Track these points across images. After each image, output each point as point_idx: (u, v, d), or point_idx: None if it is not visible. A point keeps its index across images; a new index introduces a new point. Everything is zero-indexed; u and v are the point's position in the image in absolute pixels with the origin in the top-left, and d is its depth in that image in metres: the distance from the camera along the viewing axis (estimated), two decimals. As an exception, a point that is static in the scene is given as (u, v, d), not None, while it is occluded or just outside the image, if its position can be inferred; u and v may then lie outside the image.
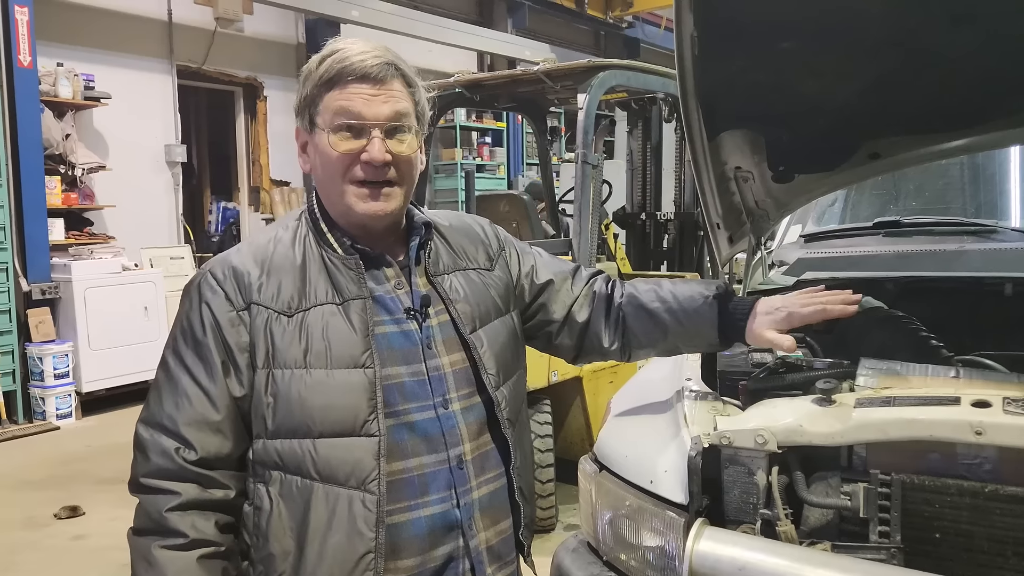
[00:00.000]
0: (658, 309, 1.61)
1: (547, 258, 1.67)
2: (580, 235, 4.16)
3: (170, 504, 1.24)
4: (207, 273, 1.35)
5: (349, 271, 1.35)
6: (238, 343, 1.29)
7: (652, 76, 4.67)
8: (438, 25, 10.10)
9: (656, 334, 1.62)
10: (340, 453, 1.27)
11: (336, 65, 1.31)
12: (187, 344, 1.31)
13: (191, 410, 1.28)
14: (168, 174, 8.18)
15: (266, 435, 1.29)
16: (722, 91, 1.90)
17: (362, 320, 1.31)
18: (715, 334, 1.59)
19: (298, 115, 1.39)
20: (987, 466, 1.38)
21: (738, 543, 1.40)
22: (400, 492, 1.30)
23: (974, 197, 2.85)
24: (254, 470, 1.31)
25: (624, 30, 13.86)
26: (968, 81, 1.81)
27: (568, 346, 1.66)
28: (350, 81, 1.31)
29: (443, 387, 1.36)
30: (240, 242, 1.47)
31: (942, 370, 1.63)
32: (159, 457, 1.27)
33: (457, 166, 10.84)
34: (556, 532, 4.02)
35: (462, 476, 1.35)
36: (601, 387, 4.28)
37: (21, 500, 4.71)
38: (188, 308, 1.34)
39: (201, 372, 1.29)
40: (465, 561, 1.35)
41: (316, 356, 1.28)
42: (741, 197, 2.19)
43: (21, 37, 6.14)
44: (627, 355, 1.67)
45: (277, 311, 1.30)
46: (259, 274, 1.33)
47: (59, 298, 6.42)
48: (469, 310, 1.43)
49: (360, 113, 1.31)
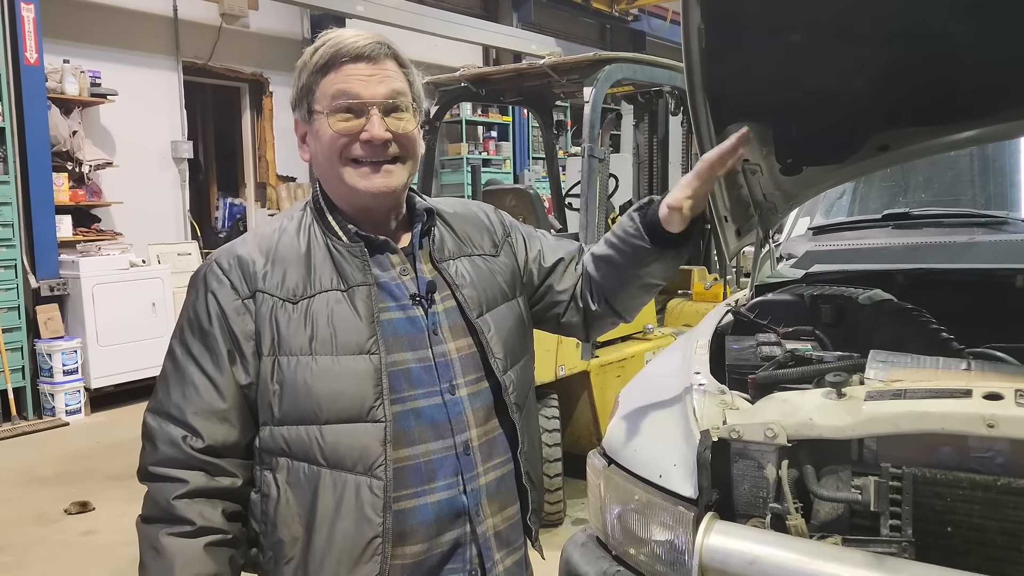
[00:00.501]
0: (604, 250, 1.59)
1: (552, 240, 1.67)
2: (587, 229, 4.15)
3: (177, 492, 1.25)
4: (212, 263, 1.35)
5: (354, 258, 1.35)
6: (244, 331, 1.30)
7: (658, 69, 4.64)
8: (443, 19, 10.07)
9: (615, 274, 1.57)
10: (347, 439, 1.27)
11: (330, 50, 1.32)
12: (194, 334, 1.32)
13: (198, 399, 1.29)
14: (175, 170, 8.20)
15: (273, 422, 1.29)
16: (729, 84, 1.89)
17: (367, 307, 1.31)
18: (644, 238, 1.49)
19: (295, 107, 1.39)
20: (999, 459, 1.37)
21: (748, 537, 1.40)
22: (407, 479, 1.30)
23: (984, 188, 2.83)
24: (261, 458, 1.32)
25: (630, 23, 13.82)
26: (978, 71, 1.80)
27: (576, 323, 1.64)
28: (345, 63, 1.31)
29: (450, 373, 1.37)
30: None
31: (953, 363, 1.63)
32: (167, 446, 1.28)
33: (463, 160, 10.83)
34: (564, 527, 4.02)
35: (469, 462, 1.35)
36: (609, 381, 4.27)
37: (31, 496, 4.73)
38: (194, 298, 1.34)
39: (208, 361, 1.30)
40: (472, 547, 1.36)
41: (322, 343, 1.28)
42: (749, 190, 2.18)
43: (28, 34, 6.16)
44: (612, 308, 1.61)
45: (282, 298, 1.31)
46: (264, 263, 1.33)
47: (67, 294, 6.44)
48: (476, 295, 1.43)
49: (358, 93, 1.31)
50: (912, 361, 1.65)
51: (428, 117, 5.01)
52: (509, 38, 11.12)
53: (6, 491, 4.83)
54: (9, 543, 4.09)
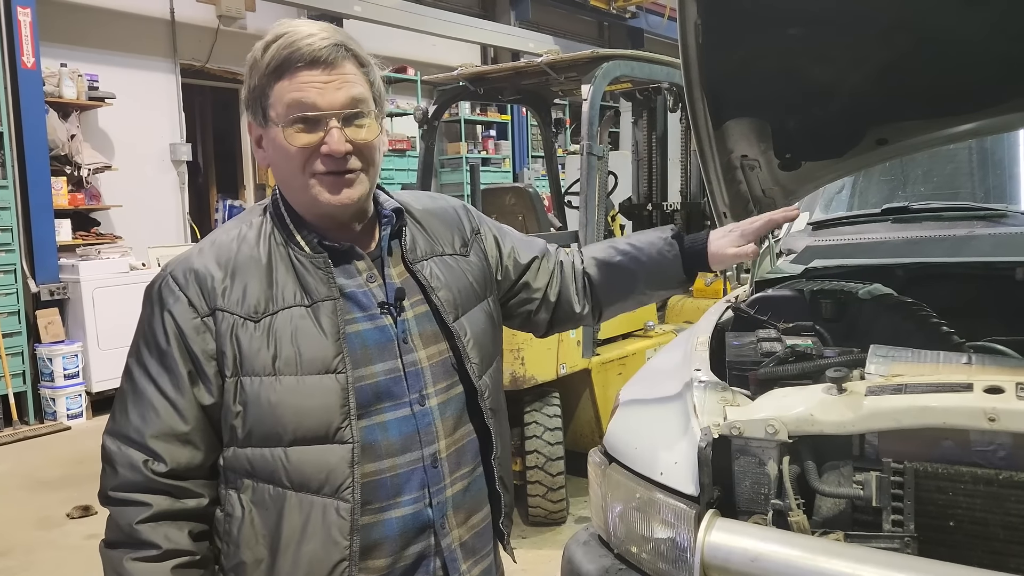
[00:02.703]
0: (622, 261, 1.63)
1: (520, 237, 1.66)
2: (586, 226, 4.15)
3: (141, 516, 1.21)
4: (168, 277, 1.29)
5: (318, 270, 1.29)
6: (204, 351, 1.24)
7: (656, 66, 4.65)
8: (441, 19, 10.07)
9: (625, 285, 1.65)
10: (313, 460, 1.23)
11: (283, 51, 1.23)
12: (151, 353, 1.26)
13: (158, 422, 1.23)
14: (174, 173, 8.20)
15: (237, 443, 1.25)
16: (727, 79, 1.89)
17: (332, 323, 1.26)
18: (680, 269, 1.61)
19: (248, 108, 1.31)
20: (1001, 453, 1.36)
21: (750, 534, 1.39)
22: (373, 493, 1.26)
23: (983, 182, 2.82)
24: (225, 476, 1.27)
25: (627, 20, 13.82)
26: (976, 64, 1.79)
27: (543, 320, 1.66)
28: (300, 68, 1.23)
29: (420, 383, 1.32)
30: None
31: (954, 356, 1.62)
32: (127, 470, 1.23)
33: (462, 160, 10.83)
34: (567, 525, 4.02)
35: (436, 475, 1.32)
36: (610, 379, 4.27)
37: (34, 500, 4.73)
38: (149, 315, 1.28)
39: (167, 383, 1.24)
40: (436, 560, 1.33)
41: (285, 362, 1.23)
42: (748, 186, 2.18)
43: (24, 38, 6.15)
44: (598, 315, 1.69)
45: (243, 316, 1.24)
46: (222, 277, 1.26)
47: (67, 299, 6.45)
48: (451, 297, 1.39)
49: (314, 103, 1.23)
50: (913, 355, 1.64)
51: (424, 116, 5.01)
52: (507, 36, 11.13)
53: (9, 495, 4.84)
54: (13, 547, 4.10)
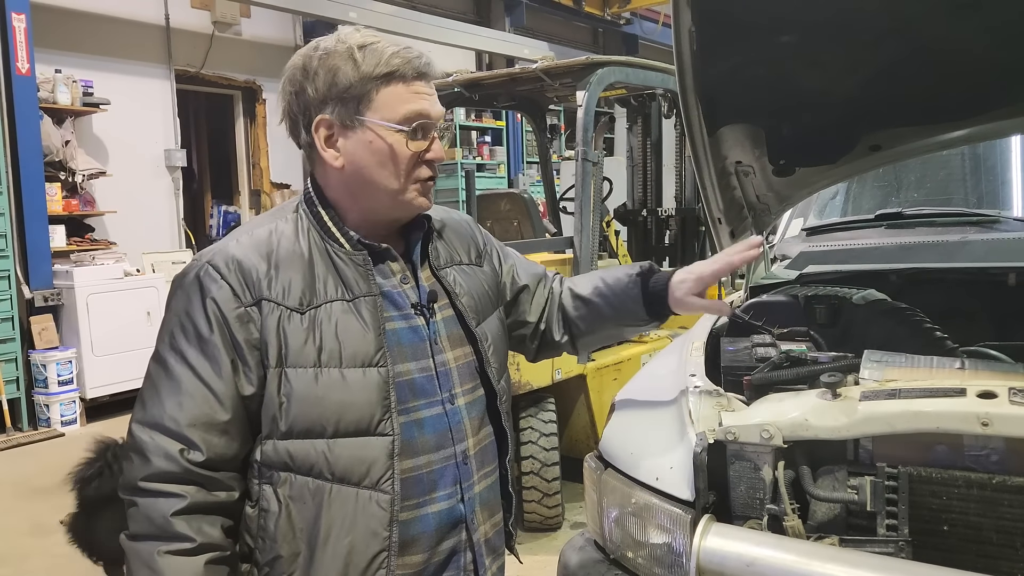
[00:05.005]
0: (591, 296, 1.65)
1: (522, 260, 1.70)
2: (581, 233, 4.16)
3: (175, 508, 1.20)
4: (206, 265, 1.27)
5: (357, 267, 1.32)
6: (248, 340, 1.24)
7: (651, 72, 4.65)
8: (436, 25, 10.08)
9: (594, 321, 1.66)
10: (354, 452, 1.25)
11: (395, 60, 1.29)
12: (189, 341, 1.25)
13: (196, 410, 1.22)
14: (168, 179, 8.18)
15: (277, 436, 1.25)
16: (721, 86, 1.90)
17: (374, 317, 1.29)
18: (643, 310, 1.61)
19: (326, 103, 1.30)
20: (994, 457, 1.37)
21: (745, 539, 1.40)
22: (410, 490, 1.30)
23: (976, 187, 2.83)
24: (260, 471, 1.27)
25: (622, 26, 13.84)
26: (968, 70, 1.80)
27: (533, 347, 1.70)
28: (414, 78, 1.30)
29: (449, 382, 1.37)
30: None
31: (947, 361, 1.63)
32: (161, 459, 1.21)
33: (457, 165, 10.82)
34: (562, 530, 4.01)
35: (467, 471, 1.37)
36: (605, 384, 4.27)
37: (28, 507, 4.70)
38: (187, 302, 1.26)
39: (207, 370, 1.23)
40: (468, 554, 1.37)
41: (329, 355, 1.26)
42: (742, 191, 2.19)
43: (19, 44, 6.14)
44: (574, 346, 1.70)
45: (289, 308, 1.26)
46: (267, 268, 1.27)
47: (61, 305, 6.42)
48: (473, 304, 1.45)
49: (429, 113, 1.31)
50: (906, 360, 1.65)
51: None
52: (502, 43, 11.13)
53: (2, 503, 4.81)
54: (6, 554, 4.07)
